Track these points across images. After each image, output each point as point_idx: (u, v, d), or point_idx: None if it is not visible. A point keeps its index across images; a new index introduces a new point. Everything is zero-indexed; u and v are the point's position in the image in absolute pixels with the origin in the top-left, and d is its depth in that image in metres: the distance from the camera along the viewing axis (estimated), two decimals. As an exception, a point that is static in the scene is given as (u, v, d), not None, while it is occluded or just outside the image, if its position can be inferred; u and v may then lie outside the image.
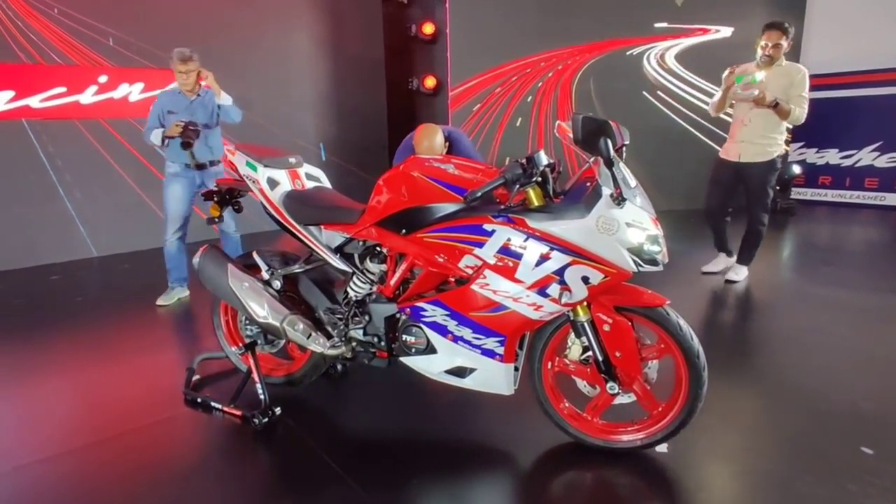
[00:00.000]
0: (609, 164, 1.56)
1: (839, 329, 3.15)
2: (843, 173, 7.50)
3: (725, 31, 6.74)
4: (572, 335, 1.98)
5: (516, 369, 1.97)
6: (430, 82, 6.58)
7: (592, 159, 1.78)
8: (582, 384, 2.01)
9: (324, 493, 1.83)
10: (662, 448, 2.00)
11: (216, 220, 2.38)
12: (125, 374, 2.78)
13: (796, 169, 6.92)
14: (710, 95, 7.44)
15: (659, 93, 6.87)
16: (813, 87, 7.61)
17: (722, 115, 3.99)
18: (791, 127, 3.88)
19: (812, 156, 7.62)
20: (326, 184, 2.37)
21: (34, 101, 4.84)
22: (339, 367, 2.60)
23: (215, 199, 2.33)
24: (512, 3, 6.46)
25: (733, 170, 3.88)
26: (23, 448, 2.11)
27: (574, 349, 1.99)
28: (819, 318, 3.35)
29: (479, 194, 1.67)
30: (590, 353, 1.94)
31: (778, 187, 6.79)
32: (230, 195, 2.36)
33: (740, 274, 4.08)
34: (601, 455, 1.98)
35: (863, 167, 7.33)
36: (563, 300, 1.70)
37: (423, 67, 6.76)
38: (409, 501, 1.79)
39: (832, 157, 7.56)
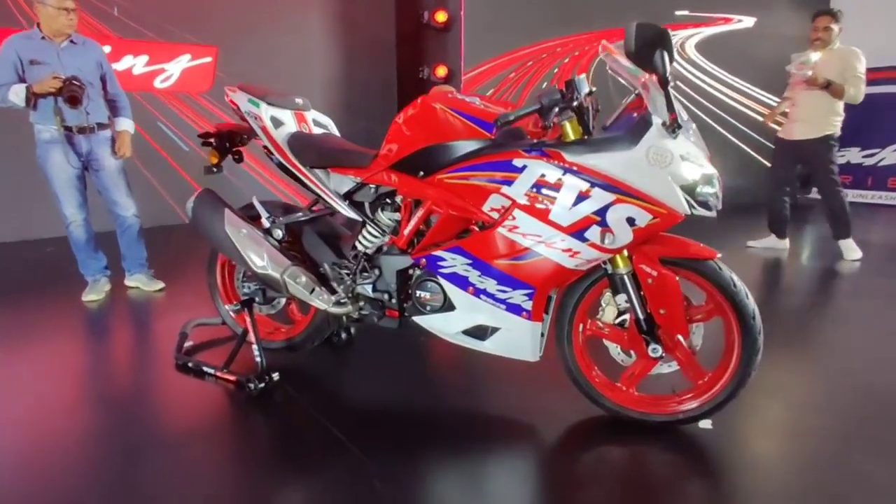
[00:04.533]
0: (664, 82, 1.36)
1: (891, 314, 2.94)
2: (866, 172, 7.26)
3: (748, 22, 6.54)
4: (606, 296, 1.77)
5: (542, 335, 1.75)
6: (441, 71, 6.39)
7: (636, 92, 1.57)
8: (616, 351, 1.80)
9: (325, 459, 1.63)
10: (706, 424, 1.78)
11: (214, 169, 2.17)
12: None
13: (818, 164, 6.67)
14: (730, 87, 7.31)
15: (678, 83, 6.65)
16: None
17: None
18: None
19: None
20: (335, 132, 2.17)
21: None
22: (343, 334, 2.39)
23: (213, 143, 2.12)
24: (528, 19, 6.27)
25: (790, 148, 4.06)
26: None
27: (608, 311, 1.77)
28: (868, 304, 3.13)
29: (511, 118, 1.46)
30: (626, 315, 1.74)
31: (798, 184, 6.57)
32: (230, 141, 2.15)
33: (851, 252, 4.06)
34: (636, 430, 1.76)
35: (886, 166, 7.09)
36: (606, 243, 1.49)
37: (434, 56, 6.57)
38: (416, 470, 1.58)
39: (853, 155, 7.32)
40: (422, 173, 1.71)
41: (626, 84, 1.65)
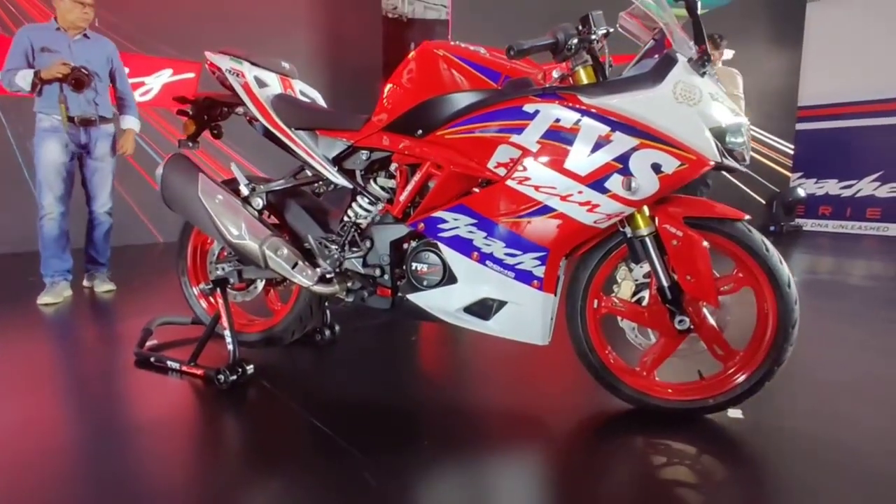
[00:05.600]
0: (693, 6, 1.24)
1: None
2: (844, 203, 7.37)
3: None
4: (621, 270, 1.60)
5: (551, 319, 1.56)
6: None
7: (654, 37, 1.46)
8: (632, 333, 1.62)
9: (317, 457, 1.39)
10: (736, 413, 1.59)
11: (190, 143, 1.99)
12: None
13: (801, 192, 6.75)
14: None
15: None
16: (811, 118, 7.56)
17: None
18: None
19: (811, 186, 7.50)
20: (324, 105, 2.01)
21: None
22: (326, 331, 2.16)
23: (190, 113, 1.94)
24: (517, 28, 6.36)
25: None
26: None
27: (625, 286, 1.60)
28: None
29: (526, 46, 1.32)
30: (644, 293, 1.56)
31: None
32: (209, 113, 1.97)
33: None
34: (658, 420, 1.55)
35: (864, 197, 7.20)
36: (631, 190, 1.32)
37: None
38: (409, 462, 1.34)
39: (832, 187, 7.45)
40: (420, 132, 1.55)
41: (641, 39, 1.54)
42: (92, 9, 2.87)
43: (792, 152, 7.07)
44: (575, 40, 1.33)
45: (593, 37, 1.34)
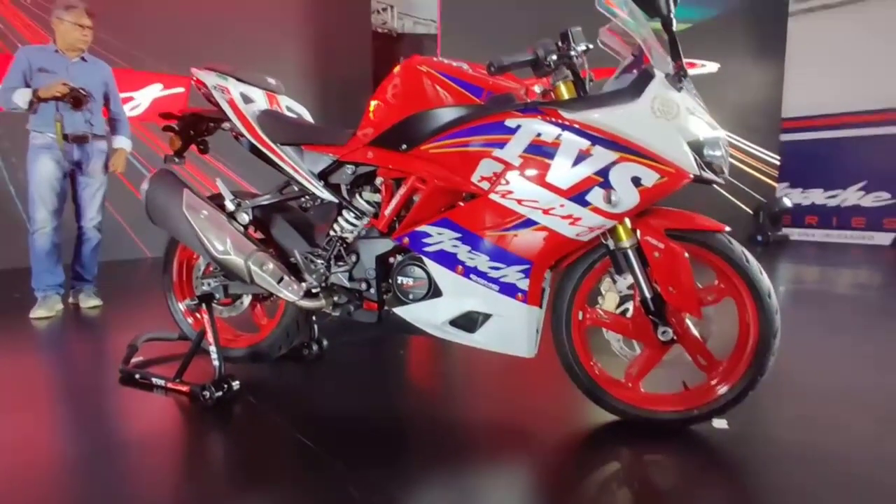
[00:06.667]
0: (669, 24, 1.27)
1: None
2: (830, 213, 7.47)
3: (712, 67, 6.81)
4: (605, 282, 1.62)
5: (537, 331, 1.57)
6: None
7: (630, 56, 1.49)
8: (618, 344, 1.63)
9: (303, 472, 1.38)
10: (722, 423, 1.60)
11: (176, 159, 1.99)
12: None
13: (787, 202, 6.83)
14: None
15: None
16: (794, 129, 7.66)
17: None
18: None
19: (797, 195, 7.60)
20: (311, 120, 2.03)
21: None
22: (313, 346, 2.15)
23: (176, 128, 1.95)
24: (503, 43, 6.44)
25: None
26: None
27: (609, 298, 1.62)
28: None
29: (506, 63, 1.34)
30: (628, 304, 1.58)
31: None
32: (195, 128, 1.98)
33: None
34: (644, 431, 1.56)
35: (849, 206, 7.31)
36: (612, 203, 1.34)
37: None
38: (396, 476, 1.34)
39: (817, 196, 7.56)
40: (405, 146, 1.57)
41: (620, 54, 1.57)
42: (91, 31, 2.94)
43: (778, 163, 7.18)
44: (554, 56, 1.35)
45: (572, 53, 1.37)
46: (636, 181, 1.34)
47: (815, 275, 4.85)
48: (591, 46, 1.44)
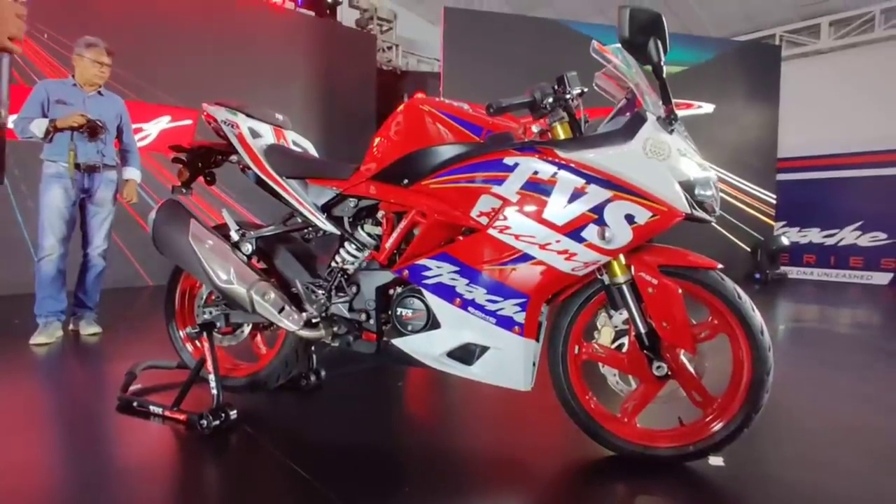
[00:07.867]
0: (659, 71, 1.33)
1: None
2: (827, 252, 7.52)
3: (708, 108, 6.99)
4: (601, 317, 1.64)
5: (534, 364, 1.59)
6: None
7: (624, 99, 1.56)
8: (614, 379, 1.64)
9: (297, 502, 1.37)
10: (717, 460, 1.59)
11: (183, 189, 2.05)
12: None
13: (784, 240, 6.89)
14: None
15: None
16: (790, 169, 7.77)
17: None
18: None
19: (795, 234, 7.67)
20: (315, 155, 2.09)
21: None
22: (311, 377, 2.16)
23: (184, 160, 2.01)
24: (503, 81, 6.63)
25: None
26: None
27: (605, 333, 1.64)
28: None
29: (504, 104, 1.40)
30: (624, 339, 1.60)
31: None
32: (203, 160, 2.04)
33: None
34: (639, 467, 1.56)
35: (846, 246, 7.36)
36: (606, 239, 1.38)
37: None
38: (398, 510, 1.33)
39: (815, 236, 7.62)
40: (406, 181, 1.62)
41: (614, 97, 1.64)
42: (109, 68, 3.09)
43: (774, 201, 7.27)
44: (550, 99, 1.42)
45: (568, 96, 1.43)
46: (630, 219, 1.38)
47: (813, 313, 4.86)
48: (585, 90, 1.51)
